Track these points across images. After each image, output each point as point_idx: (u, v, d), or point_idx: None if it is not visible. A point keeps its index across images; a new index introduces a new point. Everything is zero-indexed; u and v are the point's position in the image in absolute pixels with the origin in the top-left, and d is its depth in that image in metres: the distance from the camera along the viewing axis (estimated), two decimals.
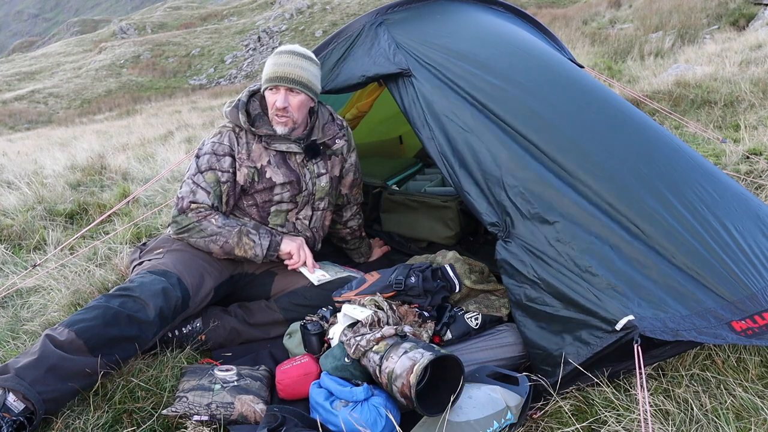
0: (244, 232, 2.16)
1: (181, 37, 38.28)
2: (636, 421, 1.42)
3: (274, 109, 2.17)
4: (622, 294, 1.50)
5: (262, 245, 2.17)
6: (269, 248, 2.19)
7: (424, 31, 2.33)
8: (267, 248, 2.18)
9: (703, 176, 1.84)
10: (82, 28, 62.55)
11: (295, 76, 2.14)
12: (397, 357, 1.56)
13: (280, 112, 2.17)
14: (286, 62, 2.14)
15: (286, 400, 1.79)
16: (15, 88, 32.09)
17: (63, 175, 5.55)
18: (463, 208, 2.72)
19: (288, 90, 2.15)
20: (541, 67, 2.22)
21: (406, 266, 2.04)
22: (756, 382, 1.55)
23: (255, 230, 2.19)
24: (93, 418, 1.64)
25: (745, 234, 1.68)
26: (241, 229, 2.16)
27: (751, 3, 10.97)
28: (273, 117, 2.20)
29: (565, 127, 1.92)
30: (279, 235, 2.25)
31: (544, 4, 24.45)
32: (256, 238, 2.17)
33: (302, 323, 2.01)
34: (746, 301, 1.50)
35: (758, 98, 4.76)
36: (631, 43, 10.54)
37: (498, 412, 1.50)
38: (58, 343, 1.66)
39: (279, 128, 2.21)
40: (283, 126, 2.20)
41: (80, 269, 2.77)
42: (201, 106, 17.09)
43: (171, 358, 1.94)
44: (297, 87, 2.14)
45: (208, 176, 2.17)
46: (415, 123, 2.07)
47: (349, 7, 34.16)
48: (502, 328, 1.89)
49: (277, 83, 2.13)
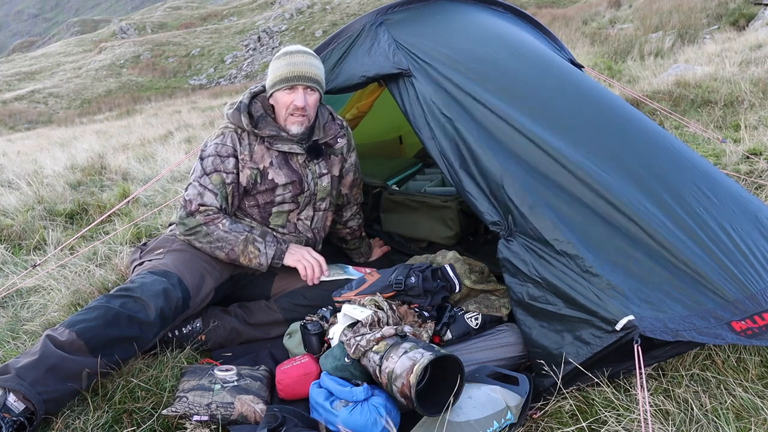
0: (250, 239, 2.15)
1: (181, 37, 38.28)
2: (636, 421, 1.42)
3: (291, 109, 2.17)
4: (622, 294, 1.50)
5: (267, 254, 2.17)
6: (274, 257, 2.18)
7: (424, 31, 2.33)
8: (272, 257, 2.18)
9: (701, 178, 1.84)
10: (82, 28, 62.55)
11: (313, 74, 2.16)
12: (397, 357, 1.56)
13: (299, 111, 2.17)
14: (302, 61, 2.15)
15: (286, 400, 1.79)
16: (15, 88, 32.10)
17: (63, 175, 5.55)
18: (463, 208, 2.72)
19: (306, 88, 2.16)
20: (541, 68, 2.22)
21: (406, 266, 2.04)
22: (756, 382, 1.55)
23: (261, 238, 2.18)
24: (93, 418, 1.64)
25: (743, 235, 1.68)
26: (248, 237, 2.15)
27: (751, 3, 10.97)
28: (287, 117, 2.19)
29: (566, 126, 1.93)
30: (285, 244, 2.23)
31: (544, 4, 24.45)
32: (261, 246, 2.16)
33: (302, 323, 2.01)
34: (746, 301, 1.50)
35: (758, 98, 4.76)
36: (631, 43, 10.54)
37: (498, 412, 1.51)
38: (59, 343, 1.66)
39: (295, 128, 2.20)
40: (300, 125, 2.20)
41: (80, 269, 2.77)
42: (201, 106, 17.09)
43: (171, 358, 1.94)
44: (315, 85, 2.17)
45: (214, 178, 2.17)
46: (415, 123, 2.07)
47: (349, 7, 34.16)
48: (502, 328, 1.89)
49: (296, 82, 2.13)
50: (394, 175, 3.26)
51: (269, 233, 2.24)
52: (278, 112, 2.22)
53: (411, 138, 3.98)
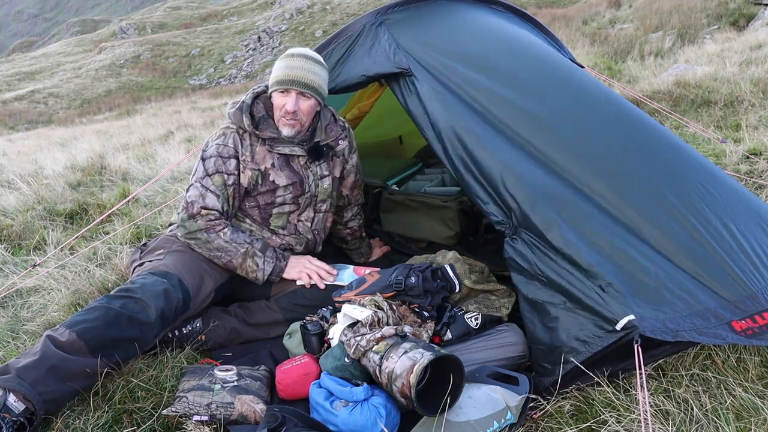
0: (249, 253, 2.15)
1: (181, 37, 38.28)
2: (636, 421, 1.42)
3: (283, 112, 2.16)
4: (622, 293, 1.49)
5: (265, 270, 2.17)
6: (272, 273, 2.19)
7: (424, 31, 2.33)
8: (269, 274, 2.18)
9: (704, 176, 1.84)
10: (82, 28, 62.55)
11: (308, 80, 2.13)
12: (397, 357, 1.56)
13: (289, 116, 2.16)
14: (299, 66, 2.13)
15: (286, 400, 1.79)
16: (15, 88, 32.10)
17: (63, 175, 5.55)
18: (463, 208, 2.72)
19: (299, 94, 2.14)
20: (542, 68, 2.22)
21: (406, 266, 2.04)
22: (756, 382, 1.55)
23: (261, 252, 2.18)
24: (93, 418, 1.64)
25: (746, 233, 1.68)
26: (248, 250, 2.14)
27: (751, 3, 10.97)
28: (280, 119, 2.19)
29: (566, 127, 1.93)
30: (285, 260, 2.23)
31: (544, 4, 24.45)
32: (260, 261, 2.16)
33: (302, 323, 2.01)
34: (746, 300, 1.50)
35: (758, 98, 4.76)
36: (631, 43, 10.54)
37: (498, 412, 1.51)
38: (59, 343, 1.66)
39: (285, 130, 2.20)
40: (291, 128, 2.20)
41: (80, 269, 2.77)
42: (201, 106, 17.09)
43: (171, 358, 1.94)
44: (308, 91, 2.14)
45: (215, 179, 2.16)
46: (419, 123, 2.08)
47: (349, 7, 34.16)
48: (502, 328, 1.89)
49: (289, 86, 2.12)
50: (394, 175, 3.26)
51: (270, 248, 2.23)
52: (273, 112, 2.22)
53: (411, 138, 3.98)
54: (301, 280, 2.23)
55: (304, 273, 2.22)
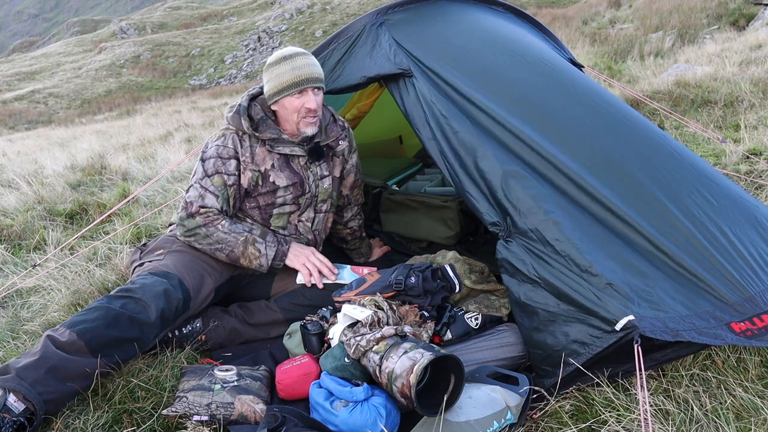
0: (250, 240, 2.15)
1: (181, 37, 38.29)
2: (636, 421, 1.42)
3: (304, 112, 2.16)
4: (622, 294, 1.49)
5: (267, 255, 2.17)
6: (275, 258, 2.19)
7: (424, 31, 2.33)
8: (272, 258, 2.18)
9: (700, 180, 1.84)
10: (82, 28, 62.54)
11: (318, 74, 2.17)
12: (397, 357, 1.56)
13: (312, 114, 2.17)
14: (305, 63, 2.14)
15: (286, 400, 1.79)
16: (15, 88, 32.10)
17: (63, 175, 5.55)
18: (463, 208, 2.72)
19: (313, 90, 2.16)
20: (540, 70, 2.22)
21: (406, 266, 2.04)
22: (756, 382, 1.55)
23: (262, 238, 2.18)
24: (93, 418, 1.64)
25: (742, 238, 1.68)
26: (248, 238, 2.15)
27: (751, 3, 10.97)
28: (300, 121, 2.19)
29: (564, 129, 1.93)
30: (287, 244, 2.23)
31: (544, 4, 24.46)
32: (262, 247, 2.16)
33: (302, 323, 2.01)
34: (745, 304, 1.50)
35: (758, 98, 4.76)
36: (631, 43, 10.53)
37: (498, 412, 1.51)
38: (59, 344, 1.66)
39: (310, 129, 2.21)
40: (314, 126, 2.22)
41: (80, 269, 2.77)
42: (201, 106, 17.08)
43: (171, 358, 1.94)
44: (321, 84, 2.18)
45: (215, 180, 2.16)
46: (415, 123, 2.07)
47: (349, 7, 34.16)
48: (502, 328, 1.89)
49: (305, 86, 2.13)
50: (394, 175, 3.26)
51: (270, 233, 2.23)
52: (287, 117, 2.20)
53: (411, 138, 3.98)
54: (302, 276, 2.23)
55: (305, 267, 2.22)
